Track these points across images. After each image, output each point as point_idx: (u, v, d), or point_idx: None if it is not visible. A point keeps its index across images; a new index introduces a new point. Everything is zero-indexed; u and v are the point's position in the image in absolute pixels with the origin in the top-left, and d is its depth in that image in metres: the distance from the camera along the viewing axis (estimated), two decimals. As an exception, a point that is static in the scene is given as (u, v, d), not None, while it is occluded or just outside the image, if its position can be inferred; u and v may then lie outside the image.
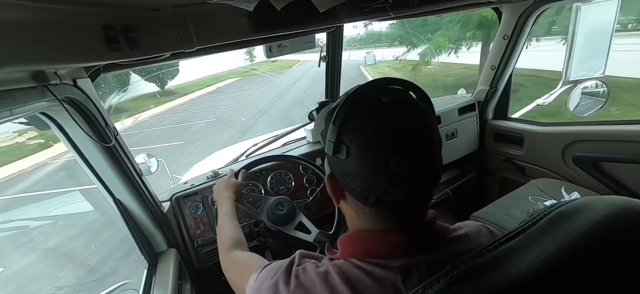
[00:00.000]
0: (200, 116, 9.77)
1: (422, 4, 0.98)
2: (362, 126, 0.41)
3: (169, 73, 13.86)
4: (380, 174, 0.40)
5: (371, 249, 0.44)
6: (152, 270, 1.07)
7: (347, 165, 0.42)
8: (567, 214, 0.33)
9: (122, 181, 0.98)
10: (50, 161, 6.19)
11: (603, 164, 1.42)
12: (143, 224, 1.10)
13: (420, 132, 0.42)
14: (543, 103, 1.83)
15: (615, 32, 1.62)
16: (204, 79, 17.28)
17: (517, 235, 0.34)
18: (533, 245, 0.32)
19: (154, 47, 0.71)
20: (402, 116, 0.42)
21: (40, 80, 0.61)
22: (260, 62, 18.65)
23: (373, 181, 0.41)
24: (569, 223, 0.32)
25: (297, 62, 17.72)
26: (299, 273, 0.46)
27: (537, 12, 1.47)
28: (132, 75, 10.66)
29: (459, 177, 2.04)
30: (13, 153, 6.89)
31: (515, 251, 0.33)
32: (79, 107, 0.80)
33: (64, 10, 0.51)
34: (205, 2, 0.69)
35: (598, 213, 0.31)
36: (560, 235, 0.31)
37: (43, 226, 3.76)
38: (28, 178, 5.43)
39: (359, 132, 0.41)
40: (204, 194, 1.34)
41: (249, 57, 16.39)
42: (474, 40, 6.99)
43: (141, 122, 10.13)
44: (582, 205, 0.33)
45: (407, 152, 0.40)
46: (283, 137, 1.74)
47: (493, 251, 0.34)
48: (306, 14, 0.87)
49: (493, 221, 1.36)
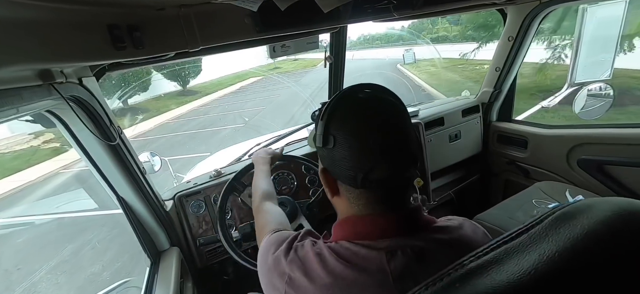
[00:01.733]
0: (227, 120, 8.86)
1: (427, 4, 0.98)
2: (345, 116, 0.49)
3: (191, 71, 13.49)
4: (363, 152, 0.47)
5: (359, 231, 0.50)
6: (155, 268, 1.08)
7: (336, 153, 0.48)
8: (571, 214, 0.33)
9: (126, 180, 0.98)
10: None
11: (608, 167, 1.41)
12: (146, 222, 1.11)
13: (394, 118, 0.49)
14: (548, 105, 1.82)
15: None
16: (225, 78, 16.64)
17: (520, 235, 0.34)
18: (536, 244, 0.32)
19: (158, 47, 0.72)
20: (378, 105, 0.49)
21: (46, 79, 0.62)
22: (281, 60, 18.40)
23: (358, 161, 0.47)
24: (572, 223, 0.32)
25: (321, 60, 17.61)
26: (297, 247, 0.52)
27: (542, 13, 1.45)
28: (153, 73, 10.37)
29: (462, 179, 2.03)
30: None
31: (518, 251, 0.32)
32: (84, 106, 0.80)
33: (70, 9, 0.51)
34: (209, 2, 0.69)
35: (603, 213, 0.31)
36: (563, 235, 0.31)
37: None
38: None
39: (342, 122, 0.48)
40: (206, 193, 1.34)
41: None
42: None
43: (163, 125, 9.46)
44: (586, 205, 0.33)
45: (384, 132, 0.47)
46: (286, 137, 1.74)
47: (496, 250, 0.34)
48: (310, 14, 0.87)
49: (496, 223, 1.35)
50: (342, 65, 1.48)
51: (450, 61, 10.39)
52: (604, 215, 0.31)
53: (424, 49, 10.95)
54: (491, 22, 7.13)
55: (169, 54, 0.78)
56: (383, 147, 0.47)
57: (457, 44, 11.34)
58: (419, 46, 11.18)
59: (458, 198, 2.03)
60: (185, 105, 12.09)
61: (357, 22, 1.04)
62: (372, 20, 1.10)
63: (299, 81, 12.32)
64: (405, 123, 0.50)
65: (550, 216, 0.34)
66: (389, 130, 0.48)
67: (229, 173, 1.43)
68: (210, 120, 9.37)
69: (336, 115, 0.49)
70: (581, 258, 0.29)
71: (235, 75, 16.47)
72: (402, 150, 0.48)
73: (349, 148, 0.47)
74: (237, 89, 15.13)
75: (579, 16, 1.68)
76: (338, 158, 0.48)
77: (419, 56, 9.10)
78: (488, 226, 1.36)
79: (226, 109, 10.94)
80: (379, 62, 13.19)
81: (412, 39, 11.75)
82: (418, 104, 1.95)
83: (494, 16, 6.05)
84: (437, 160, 1.80)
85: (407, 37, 13.95)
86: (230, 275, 1.47)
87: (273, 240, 0.58)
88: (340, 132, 0.48)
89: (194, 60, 9.03)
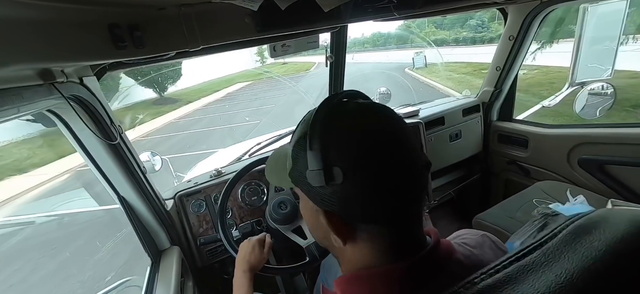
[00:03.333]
0: (213, 139, 7.01)
1: (427, 4, 0.97)
2: (346, 136, 0.37)
3: (169, 76, 11.71)
4: (385, 175, 0.36)
5: (381, 291, 0.39)
6: (156, 267, 1.08)
7: (349, 186, 0.36)
8: (586, 228, 0.31)
9: (127, 179, 0.99)
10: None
11: (609, 167, 1.41)
12: (147, 221, 1.11)
13: (400, 127, 0.39)
14: (549, 104, 1.82)
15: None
16: (210, 84, 14.99)
17: (533, 251, 0.32)
18: (551, 262, 0.30)
19: (159, 46, 0.72)
20: (375, 112, 0.40)
21: (47, 78, 0.62)
22: (270, 64, 16.35)
23: (380, 188, 0.36)
24: (589, 239, 0.30)
25: (313, 64, 15.25)
26: None
27: (543, 13, 1.45)
28: (123, 77, 8.07)
29: (463, 178, 2.03)
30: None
31: (532, 269, 0.30)
32: (84, 105, 0.80)
33: (71, 8, 0.51)
34: (210, 1, 0.69)
35: (621, 228, 0.29)
36: (581, 252, 0.29)
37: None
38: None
39: (347, 144, 0.36)
40: (207, 192, 1.34)
41: (260, 58, 14.26)
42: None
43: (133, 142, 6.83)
44: (601, 218, 0.31)
45: (396, 141, 0.38)
46: (286, 136, 1.74)
47: (508, 268, 0.32)
48: (310, 14, 0.86)
49: (496, 223, 1.35)
50: (342, 65, 1.48)
51: (471, 65, 9.34)
52: (623, 230, 0.29)
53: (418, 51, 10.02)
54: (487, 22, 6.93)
55: (169, 53, 0.78)
56: (399, 157, 0.37)
57: (449, 47, 10.91)
58: (416, 48, 10.34)
59: (458, 198, 2.03)
60: (161, 118, 9.81)
61: (358, 21, 1.04)
62: (373, 19, 1.10)
63: (294, 87, 10.49)
64: (402, 123, 0.41)
65: (564, 230, 0.32)
66: (398, 136, 0.39)
67: (230, 172, 1.43)
68: (190, 140, 7.45)
69: (333, 139, 0.37)
70: (602, 276, 0.27)
71: (223, 79, 14.83)
72: (414, 150, 0.39)
73: (367, 177, 0.35)
74: (223, 96, 13.34)
75: (579, 16, 1.68)
76: (353, 194, 0.36)
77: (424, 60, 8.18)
78: (489, 226, 1.36)
79: (211, 122, 8.88)
80: (382, 66, 12.25)
81: (404, 40, 11.22)
82: (418, 103, 1.95)
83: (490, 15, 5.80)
84: (437, 159, 1.80)
85: (403, 38, 13.35)
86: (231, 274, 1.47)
87: None
88: (347, 160, 0.36)
89: (173, 64, 7.80)
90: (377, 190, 0.36)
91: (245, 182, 1.37)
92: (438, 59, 9.95)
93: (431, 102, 2.04)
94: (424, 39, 11.34)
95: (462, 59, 10.38)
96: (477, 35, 15.44)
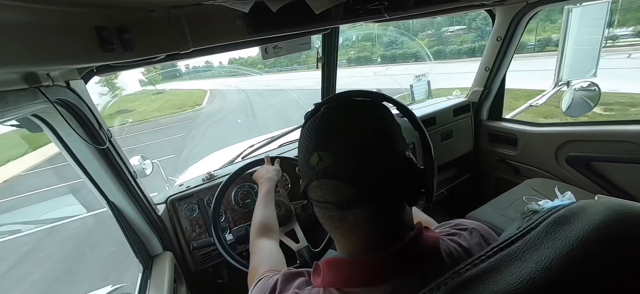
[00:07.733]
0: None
1: (417, 5, 0.99)
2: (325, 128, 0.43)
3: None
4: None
5: (350, 278, 0.42)
6: (147, 274, 1.06)
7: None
8: (565, 219, 0.33)
9: (117, 184, 0.96)
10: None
11: (595, 164, 1.44)
12: (138, 227, 1.09)
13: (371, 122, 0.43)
14: (536, 104, 1.86)
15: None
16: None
17: (516, 241, 0.34)
18: (532, 251, 0.32)
19: (148, 49, 0.71)
20: (350, 112, 0.45)
21: (31, 82, 0.60)
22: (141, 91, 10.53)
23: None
24: (567, 229, 0.31)
25: (204, 93, 9.92)
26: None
27: (529, 14, 1.49)
28: None
29: (455, 177, 2.05)
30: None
31: (514, 258, 0.32)
32: (71, 109, 0.79)
33: (56, 11, 0.50)
34: (200, 3, 0.69)
35: (596, 217, 0.31)
36: (559, 240, 0.31)
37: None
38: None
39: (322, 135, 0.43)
40: (199, 196, 1.33)
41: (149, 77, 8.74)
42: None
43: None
44: (580, 208, 0.33)
45: (366, 132, 0.42)
46: (280, 138, 1.74)
47: (492, 258, 0.34)
48: (302, 16, 0.87)
49: (488, 220, 1.37)
50: (334, 67, 1.48)
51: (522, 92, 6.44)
52: (598, 219, 0.31)
53: (400, 68, 7.48)
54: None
55: (159, 56, 0.77)
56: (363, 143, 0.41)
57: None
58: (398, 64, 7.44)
59: (451, 197, 2.06)
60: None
61: (349, 22, 1.04)
62: (364, 21, 1.11)
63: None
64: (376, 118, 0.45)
65: (545, 220, 0.34)
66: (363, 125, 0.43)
67: (222, 175, 1.41)
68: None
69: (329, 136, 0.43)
70: (578, 264, 0.29)
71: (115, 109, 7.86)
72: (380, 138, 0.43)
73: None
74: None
75: (564, 17, 1.72)
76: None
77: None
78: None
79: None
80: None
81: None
82: (408, 104, 1.97)
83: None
84: (429, 159, 1.82)
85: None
86: (225, 278, 1.45)
87: (257, 290, 0.52)
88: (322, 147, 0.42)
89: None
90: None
91: (238, 185, 1.36)
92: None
93: (423, 103, 2.06)
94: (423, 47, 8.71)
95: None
96: (387, 52, 14.94)
